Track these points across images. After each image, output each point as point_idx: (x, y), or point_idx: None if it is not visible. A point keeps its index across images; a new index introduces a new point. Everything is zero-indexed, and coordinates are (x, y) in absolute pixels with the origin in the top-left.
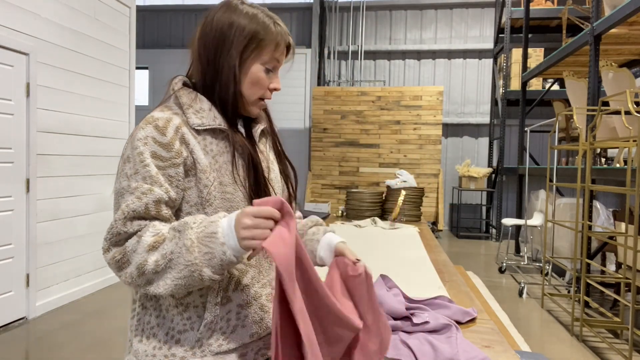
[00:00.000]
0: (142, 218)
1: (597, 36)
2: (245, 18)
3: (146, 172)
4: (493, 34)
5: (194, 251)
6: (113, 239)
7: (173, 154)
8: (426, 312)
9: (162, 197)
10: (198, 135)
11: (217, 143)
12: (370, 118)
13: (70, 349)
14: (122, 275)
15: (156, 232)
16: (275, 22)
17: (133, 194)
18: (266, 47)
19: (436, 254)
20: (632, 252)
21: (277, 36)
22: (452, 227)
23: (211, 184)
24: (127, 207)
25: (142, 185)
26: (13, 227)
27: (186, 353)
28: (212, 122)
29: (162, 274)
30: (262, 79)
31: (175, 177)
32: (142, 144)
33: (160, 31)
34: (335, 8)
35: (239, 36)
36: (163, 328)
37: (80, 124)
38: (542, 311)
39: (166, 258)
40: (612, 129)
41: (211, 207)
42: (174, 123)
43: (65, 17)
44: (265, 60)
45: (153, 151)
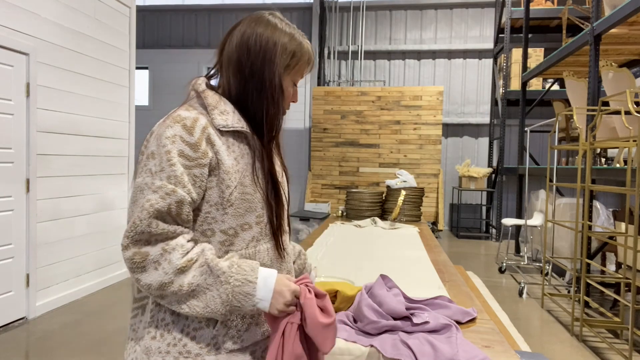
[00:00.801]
0: (165, 220)
1: (597, 36)
2: (286, 37)
3: (172, 171)
4: (493, 34)
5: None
6: (136, 237)
7: (200, 154)
8: (426, 312)
9: (184, 199)
10: (222, 136)
11: (239, 145)
12: (370, 118)
13: (70, 349)
14: (135, 279)
15: (184, 252)
16: (307, 42)
17: (157, 192)
18: (300, 65)
19: (436, 254)
20: (632, 252)
21: (308, 57)
22: (452, 227)
23: (233, 185)
24: (151, 207)
25: (167, 185)
26: (13, 227)
27: (201, 350)
28: (237, 124)
29: (180, 297)
30: (289, 93)
31: (199, 177)
32: (170, 142)
33: (160, 31)
34: (335, 8)
35: (282, 54)
36: (178, 325)
37: (80, 124)
38: (542, 311)
39: (191, 287)
40: (612, 129)
41: (232, 208)
42: (201, 123)
43: (65, 17)
44: (296, 77)
45: (180, 150)
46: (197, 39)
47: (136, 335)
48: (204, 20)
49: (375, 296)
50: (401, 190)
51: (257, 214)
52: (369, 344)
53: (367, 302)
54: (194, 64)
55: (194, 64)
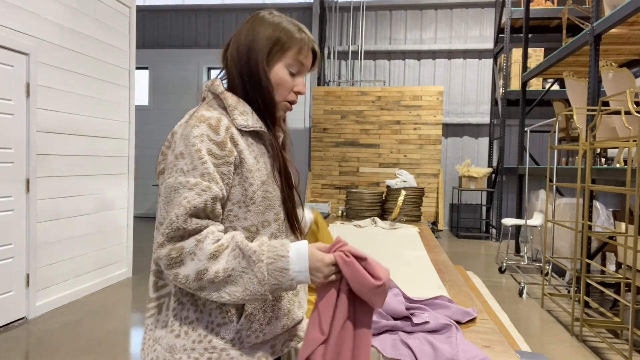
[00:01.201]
0: (200, 217)
1: (597, 36)
2: (270, 27)
3: (204, 168)
4: (493, 34)
5: (265, 284)
6: (171, 234)
7: (226, 152)
8: (426, 312)
9: (218, 195)
10: (242, 136)
11: (257, 144)
12: (370, 118)
13: (70, 349)
14: (173, 275)
15: (216, 239)
16: (300, 29)
17: (192, 190)
18: (289, 50)
19: (436, 254)
20: (632, 252)
21: (300, 42)
22: (452, 227)
23: (256, 183)
24: (188, 203)
25: (202, 182)
26: (13, 227)
27: (226, 345)
28: (256, 124)
29: (218, 285)
30: (285, 81)
31: (227, 175)
32: (198, 141)
33: (160, 31)
34: (335, 8)
35: (264, 41)
36: (202, 322)
37: (80, 124)
38: (542, 311)
39: (227, 272)
40: (612, 129)
41: (254, 205)
42: (224, 123)
43: (65, 17)
44: (289, 63)
45: (209, 149)
46: (197, 39)
47: (154, 334)
48: (204, 20)
49: None
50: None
51: (275, 211)
52: None
53: None
54: (194, 64)
55: (194, 64)
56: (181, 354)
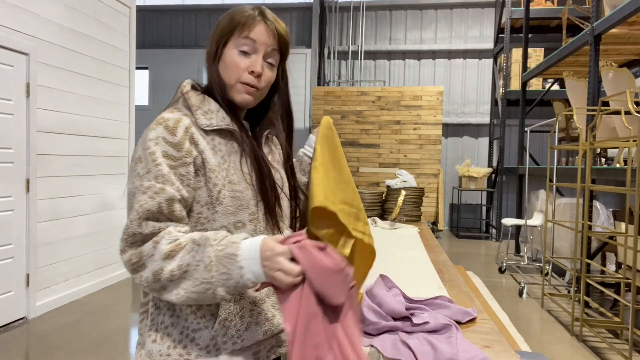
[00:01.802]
0: (156, 219)
1: (597, 36)
2: (227, 13)
3: (158, 171)
4: (493, 34)
5: (212, 269)
6: (129, 239)
7: (183, 153)
8: (426, 312)
9: (174, 196)
10: (207, 135)
11: (226, 143)
12: (370, 118)
13: (70, 349)
14: (137, 278)
15: (172, 239)
16: (256, 8)
17: (146, 193)
18: (235, 30)
19: (436, 254)
20: (632, 252)
21: (246, 17)
22: (452, 227)
23: (220, 182)
24: (140, 207)
25: (155, 185)
26: (13, 227)
27: (201, 352)
28: (221, 122)
29: (177, 283)
30: (234, 61)
31: (186, 176)
32: (153, 144)
33: (160, 31)
34: (335, 8)
35: (217, 29)
36: (177, 327)
37: (80, 124)
38: (542, 311)
39: (182, 269)
40: (612, 129)
41: (221, 206)
42: (184, 123)
43: (65, 17)
44: (238, 42)
45: (164, 151)
46: (197, 39)
47: (142, 339)
48: (204, 20)
49: (375, 297)
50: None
51: (250, 211)
52: (369, 344)
53: (367, 303)
54: (194, 64)
55: (194, 64)
56: (157, 359)
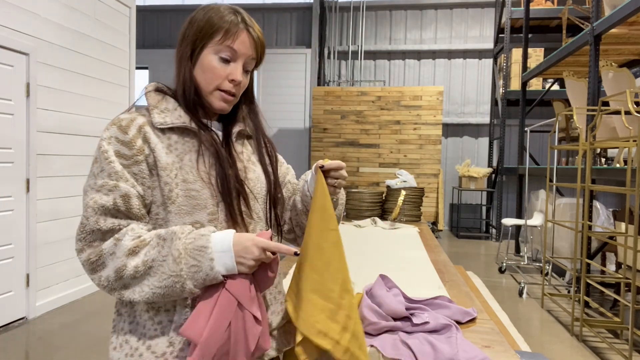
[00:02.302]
0: (114, 216)
1: (597, 36)
2: (202, 13)
3: (111, 168)
4: (493, 34)
5: (181, 262)
6: (88, 237)
7: (135, 152)
8: (426, 312)
9: (129, 192)
10: (163, 134)
11: (184, 142)
12: (370, 118)
13: (70, 349)
14: (97, 279)
15: (136, 235)
16: (236, 12)
17: (100, 191)
18: (215, 35)
19: (436, 254)
20: (632, 252)
21: (228, 24)
22: (452, 227)
23: (172, 181)
24: (95, 204)
25: (108, 182)
26: (13, 227)
27: (158, 359)
28: (176, 120)
29: (140, 280)
30: (214, 68)
31: (139, 175)
32: (106, 143)
33: (160, 31)
34: (335, 8)
35: (192, 29)
36: (135, 334)
37: (80, 124)
38: (542, 311)
39: (146, 264)
40: (612, 129)
41: (174, 205)
42: (137, 122)
43: (65, 17)
44: (218, 49)
45: (116, 150)
46: None
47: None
48: None
49: (375, 297)
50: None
51: (209, 211)
52: (369, 344)
53: (367, 303)
54: None
55: None
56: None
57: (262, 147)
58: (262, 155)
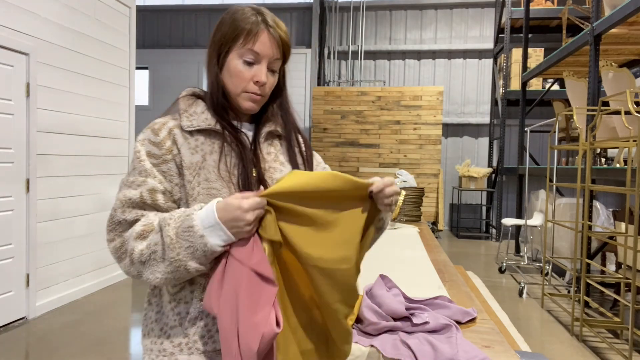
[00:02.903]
0: (140, 207)
1: (597, 36)
2: (227, 17)
3: (142, 167)
4: (493, 34)
5: (175, 248)
6: (116, 228)
7: (164, 151)
8: (426, 312)
9: (155, 187)
10: (190, 136)
11: (210, 143)
12: (370, 118)
13: (70, 349)
14: (122, 266)
15: (148, 222)
16: (258, 12)
17: (130, 186)
18: (238, 38)
19: (436, 254)
20: (632, 252)
21: (250, 25)
22: (452, 227)
23: (194, 179)
24: (123, 197)
25: (138, 178)
26: (13, 227)
27: (174, 349)
28: (202, 123)
29: (149, 265)
30: (239, 72)
31: (167, 173)
32: (140, 144)
33: (160, 31)
34: (335, 8)
35: (218, 34)
36: (159, 323)
37: (80, 124)
38: (542, 311)
39: (150, 249)
40: (612, 129)
41: (195, 202)
42: (168, 125)
43: (65, 17)
44: (241, 52)
45: (148, 150)
46: (197, 39)
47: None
48: (204, 20)
49: (375, 297)
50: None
51: None
52: (369, 344)
53: (367, 303)
54: (194, 64)
55: (194, 64)
56: (146, 354)
57: (293, 146)
58: (293, 154)
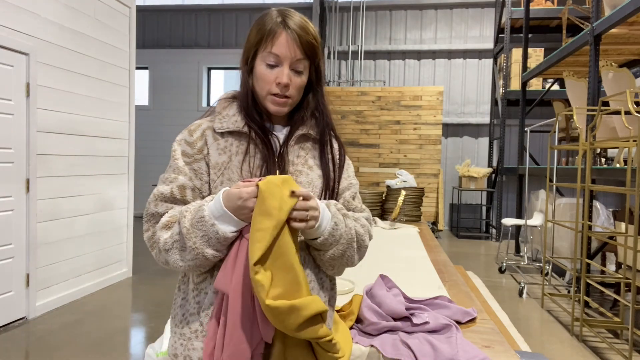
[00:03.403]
0: (171, 202)
1: (597, 36)
2: (257, 19)
3: (175, 165)
4: (493, 34)
5: (192, 237)
6: (150, 220)
7: (196, 151)
8: (426, 312)
9: (185, 184)
10: (221, 137)
11: (239, 144)
12: (370, 118)
13: (70, 349)
14: (154, 255)
15: (173, 214)
16: (281, 14)
17: (164, 182)
18: (261, 42)
19: (436, 254)
20: (632, 252)
21: (269, 27)
22: (452, 227)
23: (218, 179)
24: (157, 192)
25: (171, 175)
26: (13, 227)
27: (191, 334)
28: (231, 125)
29: (172, 253)
30: (263, 75)
31: (198, 171)
32: (177, 144)
33: (160, 31)
34: (335, 8)
35: (247, 39)
36: (183, 309)
37: (80, 124)
38: (542, 311)
39: (172, 238)
40: (612, 129)
41: None
42: (202, 127)
43: (65, 17)
44: (263, 56)
45: (183, 150)
46: (197, 39)
47: None
48: (204, 20)
49: (375, 297)
50: (401, 190)
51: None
52: (369, 344)
53: (367, 303)
54: (194, 64)
55: (194, 64)
56: (172, 336)
57: (325, 152)
58: (325, 159)
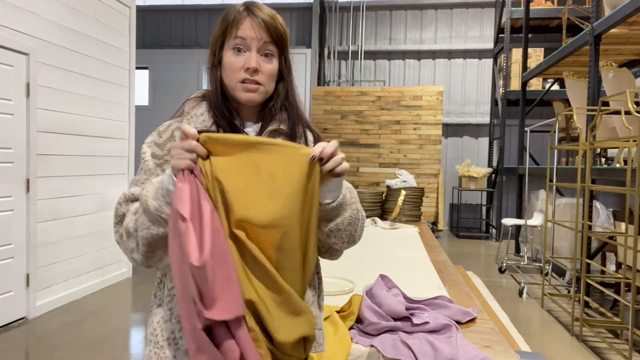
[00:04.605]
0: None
1: (597, 36)
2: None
3: (146, 167)
4: (493, 34)
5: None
6: (120, 221)
7: (165, 152)
8: (426, 312)
9: None
10: None
11: None
12: (370, 118)
13: (70, 349)
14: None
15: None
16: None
17: (135, 184)
18: (226, 31)
19: (436, 254)
20: (632, 252)
21: (233, 16)
22: (452, 227)
23: None
24: (128, 192)
25: (142, 177)
26: (13, 227)
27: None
28: (199, 125)
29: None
30: (230, 62)
31: None
32: (147, 146)
33: (160, 31)
34: (335, 8)
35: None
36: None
37: (80, 124)
38: (542, 311)
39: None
40: (612, 129)
41: None
42: (171, 128)
43: (65, 17)
44: (230, 44)
45: (152, 152)
46: (197, 39)
47: None
48: (204, 20)
49: (375, 297)
50: (401, 190)
51: None
52: (369, 344)
53: (367, 304)
54: (194, 64)
55: (194, 64)
56: (147, 343)
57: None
58: None
